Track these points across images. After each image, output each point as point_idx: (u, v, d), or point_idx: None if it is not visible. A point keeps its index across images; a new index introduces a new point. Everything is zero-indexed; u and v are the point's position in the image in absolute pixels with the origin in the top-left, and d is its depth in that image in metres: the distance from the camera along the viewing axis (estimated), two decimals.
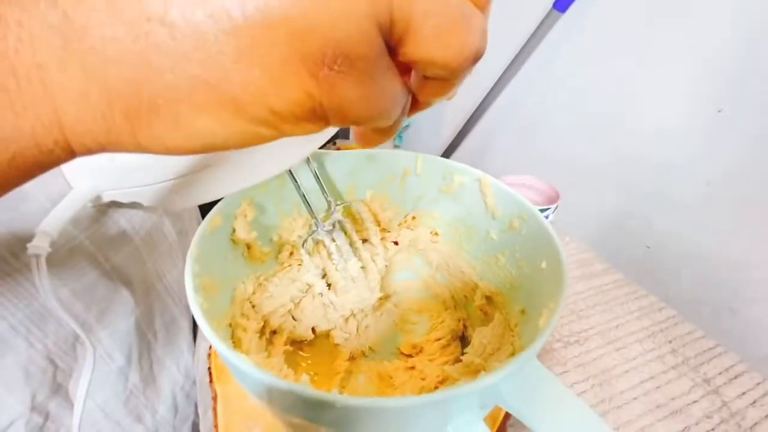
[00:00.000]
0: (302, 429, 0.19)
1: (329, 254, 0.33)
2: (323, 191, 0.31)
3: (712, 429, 0.34)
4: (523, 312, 0.26)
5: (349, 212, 0.35)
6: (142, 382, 0.35)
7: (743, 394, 0.37)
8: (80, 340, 0.29)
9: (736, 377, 0.38)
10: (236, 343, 0.24)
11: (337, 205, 0.32)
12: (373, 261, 0.35)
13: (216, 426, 0.29)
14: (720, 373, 0.39)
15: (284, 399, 0.16)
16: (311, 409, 0.16)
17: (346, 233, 0.33)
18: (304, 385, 0.17)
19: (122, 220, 0.32)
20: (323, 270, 0.35)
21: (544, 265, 0.25)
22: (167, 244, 0.37)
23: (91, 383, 0.31)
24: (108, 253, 0.31)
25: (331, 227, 0.31)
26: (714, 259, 0.50)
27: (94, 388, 0.32)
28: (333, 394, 0.14)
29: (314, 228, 0.30)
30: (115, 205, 0.32)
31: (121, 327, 0.33)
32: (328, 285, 0.34)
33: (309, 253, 0.32)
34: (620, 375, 0.38)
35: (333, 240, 0.31)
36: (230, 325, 0.25)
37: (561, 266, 0.22)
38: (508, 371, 0.16)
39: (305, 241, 0.30)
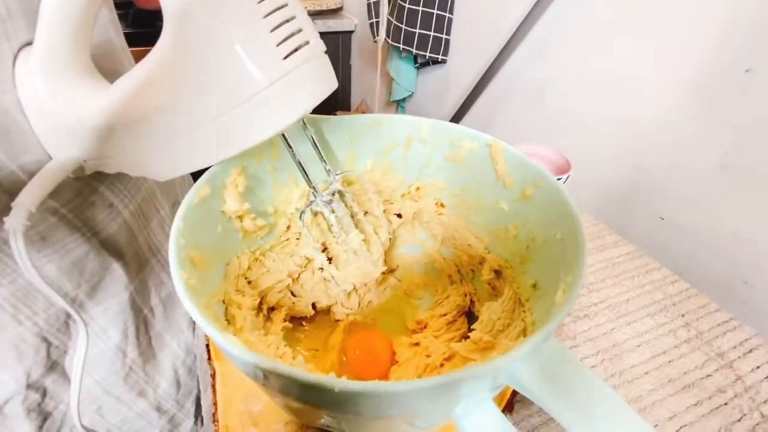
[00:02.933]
0: (301, 412, 0.17)
1: (329, 226, 0.31)
2: (321, 159, 0.29)
3: (725, 403, 0.33)
4: (535, 286, 0.25)
5: (349, 182, 0.33)
6: (141, 358, 0.34)
7: (757, 368, 0.36)
8: (72, 317, 0.28)
9: (750, 351, 0.37)
10: (230, 320, 0.23)
11: (337, 174, 0.30)
12: (376, 233, 0.33)
13: (215, 403, 0.28)
14: (734, 347, 0.37)
15: (276, 382, 0.14)
16: (307, 393, 0.14)
17: (345, 204, 0.31)
18: (297, 367, 0.15)
19: (108, 192, 0.30)
20: (323, 243, 0.33)
21: (559, 235, 0.23)
22: (160, 217, 0.36)
23: (86, 360, 0.30)
24: (95, 228, 0.29)
25: (329, 198, 0.29)
26: (729, 230, 0.48)
27: (92, 364, 0.31)
28: (330, 378, 0.13)
29: (312, 198, 0.28)
30: (100, 176, 0.30)
31: (114, 303, 0.32)
32: (329, 259, 0.33)
33: (307, 226, 0.30)
34: (631, 349, 0.37)
35: (332, 211, 0.29)
36: (224, 301, 0.24)
37: (579, 237, 0.20)
38: (525, 350, 0.15)
39: (302, 212, 0.29)
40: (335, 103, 1.41)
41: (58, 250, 0.27)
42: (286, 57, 0.20)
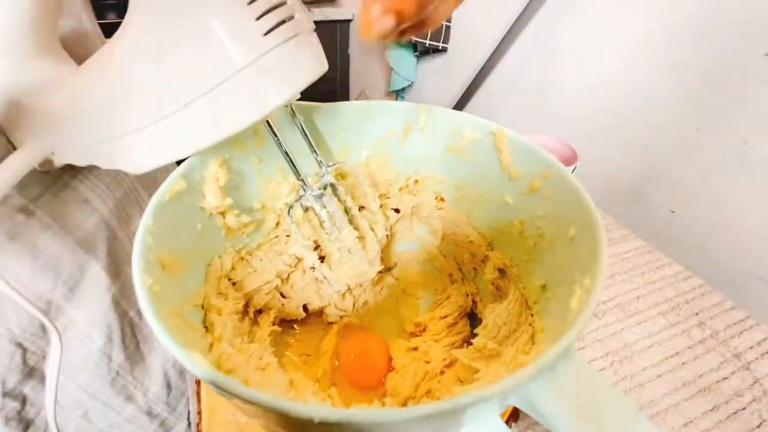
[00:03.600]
0: None
1: (321, 222, 0.29)
2: (312, 150, 0.26)
3: (743, 408, 0.31)
4: (544, 287, 0.23)
5: (342, 175, 0.30)
6: (128, 362, 0.33)
7: None
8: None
9: None
10: (209, 327, 0.20)
11: (329, 166, 0.28)
12: (372, 230, 0.31)
13: (200, 413, 0.26)
14: (751, 347, 0.35)
15: (246, 406, 0.12)
16: (283, 420, 0.12)
17: (339, 198, 0.29)
18: (281, 379, 0.13)
19: (82, 187, 0.28)
20: (315, 241, 0.31)
21: (572, 232, 0.20)
22: (142, 214, 0.34)
23: (68, 365, 0.28)
24: (69, 226, 0.27)
25: (320, 192, 0.27)
26: (745, 224, 0.46)
27: (74, 369, 0.29)
28: (308, 406, 0.11)
29: (302, 192, 0.26)
30: (72, 169, 0.28)
31: (96, 306, 0.30)
32: (321, 258, 0.31)
33: (296, 222, 0.28)
34: (642, 351, 0.35)
35: (324, 206, 0.27)
36: (203, 306, 0.21)
37: (596, 235, 0.18)
38: (541, 366, 0.13)
39: (291, 207, 0.26)
40: (333, 95, 1.38)
41: (29, 250, 0.25)
42: (266, 33, 0.18)
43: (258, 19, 0.17)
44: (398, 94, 1.07)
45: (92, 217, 0.29)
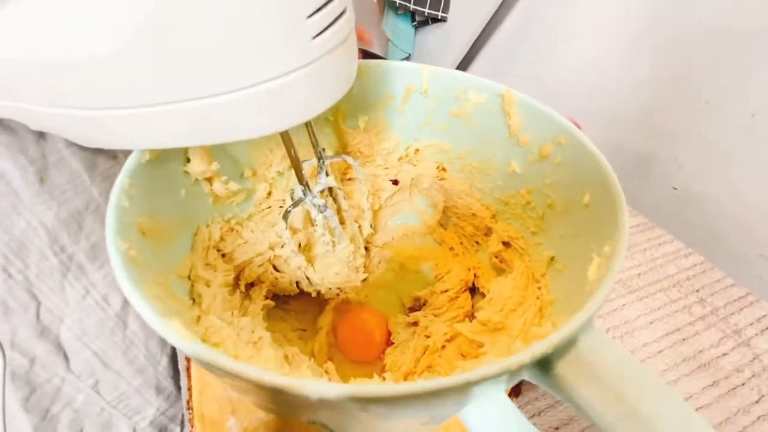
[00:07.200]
0: (278, 412, 0.14)
1: (312, 222, 0.26)
2: (313, 140, 0.23)
3: (743, 384, 0.31)
4: (552, 259, 0.21)
5: (341, 168, 0.29)
6: (143, 332, 0.31)
7: None
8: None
9: None
10: (196, 299, 0.19)
11: (327, 159, 0.25)
12: (357, 223, 0.29)
13: (190, 389, 0.25)
14: (751, 324, 0.35)
15: (232, 380, 0.11)
16: (274, 397, 0.11)
17: (335, 200, 0.27)
18: (277, 354, 0.12)
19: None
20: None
21: (586, 199, 0.19)
22: None
23: (85, 331, 0.27)
24: (97, 177, 0.26)
25: (323, 202, 0.24)
26: (747, 201, 0.45)
27: (90, 335, 0.29)
28: (301, 380, 0.09)
29: (301, 196, 0.24)
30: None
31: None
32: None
33: (290, 227, 0.26)
34: (643, 326, 0.34)
35: (321, 211, 0.25)
36: (189, 277, 0.20)
37: (615, 197, 0.17)
38: (559, 339, 0.11)
39: (287, 211, 0.24)
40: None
41: (56, 196, 0.24)
42: (316, 36, 0.14)
43: (309, 17, 0.13)
44: None
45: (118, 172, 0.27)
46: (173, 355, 0.35)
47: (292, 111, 0.16)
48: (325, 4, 0.14)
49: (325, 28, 0.14)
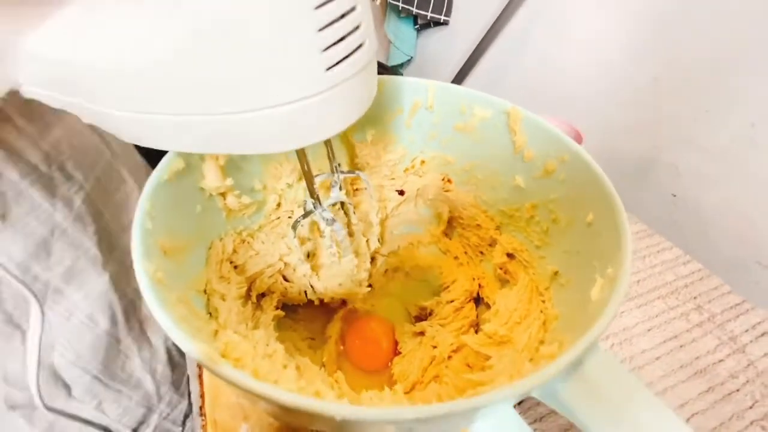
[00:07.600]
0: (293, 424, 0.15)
1: (320, 232, 0.27)
2: (330, 155, 0.24)
3: (738, 390, 0.32)
4: (556, 274, 0.22)
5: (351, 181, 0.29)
6: (135, 344, 0.32)
7: None
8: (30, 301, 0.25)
9: (762, 335, 0.36)
10: (212, 313, 0.20)
11: (342, 173, 0.26)
12: (365, 237, 0.30)
13: (202, 395, 0.26)
14: (746, 331, 0.36)
15: (257, 399, 0.11)
16: (296, 415, 0.12)
17: (345, 213, 0.28)
18: (289, 368, 0.13)
19: (69, 163, 0.27)
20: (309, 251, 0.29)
21: (590, 217, 0.20)
22: (125, 191, 0.32)
23: (78, 356, 0.27)
24: (54, 203, 0.26)
25: (332, 218, 0.25)
26: (744, 210, 0.46)
27: (87, 357, 0.29)
28: (323, 403, 0.10)
29: (311, 208, 0.24)
30: (60, 146, 0.26)
31: (95, 286, 0.29)
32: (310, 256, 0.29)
33: (298, 237, 0.26)
34: (642, 333, 0.35)
35: (330, 224, 0.25)
36: (205, 291, 0.21)
37: (618, 220, 0.17)
38: (565, 363, 0.12)
39: (297, 223, 0.24)
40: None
41: (20, 230, 0.24)
42: (330, 68, 0.15)
43: (325, 50, 0.14)
44: (396, 69, 1.03)
45: (79, 193, 0.27)
46: (169, 359, 0.36)
47: (310, 131, 0.17)
48: (339, 41, 0.14)
49: (342, 59, 0.15)
